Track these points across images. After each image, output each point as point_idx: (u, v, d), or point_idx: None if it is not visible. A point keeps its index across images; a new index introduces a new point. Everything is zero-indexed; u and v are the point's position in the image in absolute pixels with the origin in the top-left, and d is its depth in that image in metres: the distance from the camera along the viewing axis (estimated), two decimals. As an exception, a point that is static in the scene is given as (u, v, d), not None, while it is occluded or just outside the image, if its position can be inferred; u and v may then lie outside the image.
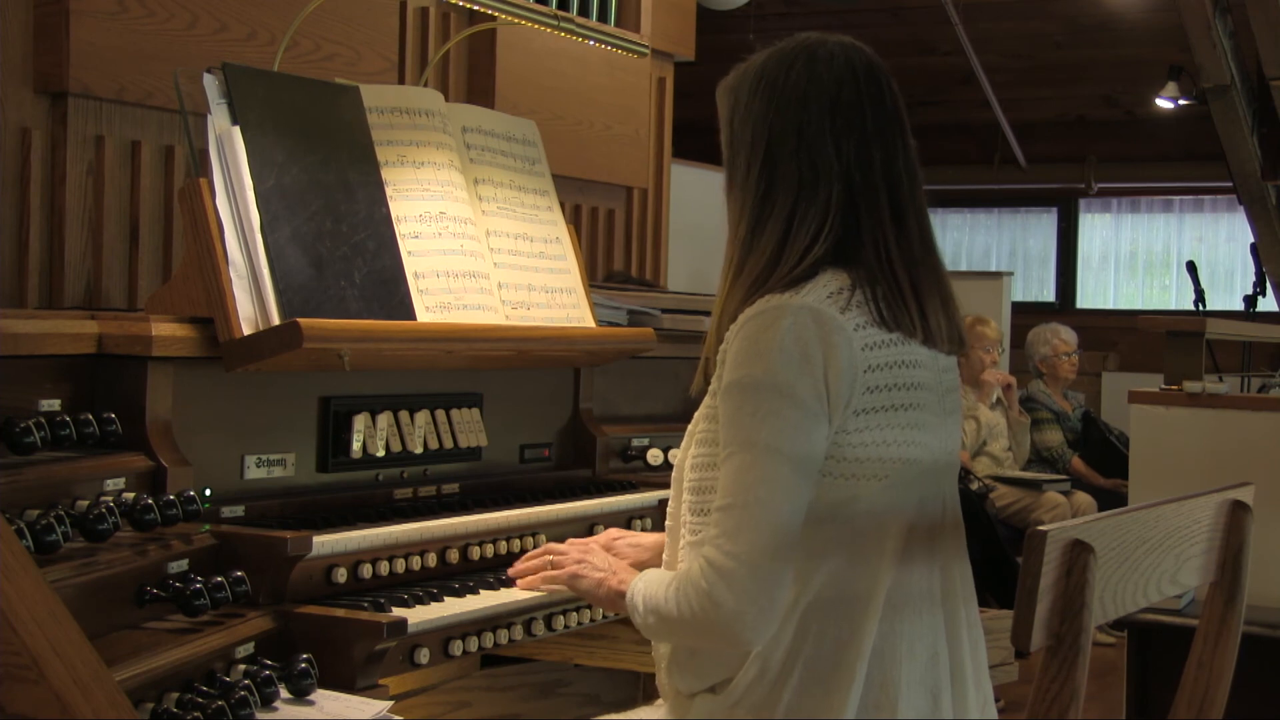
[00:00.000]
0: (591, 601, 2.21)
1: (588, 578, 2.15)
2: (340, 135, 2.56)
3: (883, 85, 1.96)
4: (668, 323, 3.15)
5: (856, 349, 1.83)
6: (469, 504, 2.60)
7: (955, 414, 2.01)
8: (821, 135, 1.92)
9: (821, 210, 1.90)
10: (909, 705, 1.86)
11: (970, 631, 1.98)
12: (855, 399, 1.83)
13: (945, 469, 1.98)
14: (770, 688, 1.85)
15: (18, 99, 2.66)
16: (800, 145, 1.92)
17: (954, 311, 1.98)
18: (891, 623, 1.86)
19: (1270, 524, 2.74)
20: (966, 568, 2.01)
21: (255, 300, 2.30)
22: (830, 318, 1.83)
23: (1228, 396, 4.09)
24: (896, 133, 1.96)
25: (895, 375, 1.87)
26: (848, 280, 1.88)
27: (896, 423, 1.87)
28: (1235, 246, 10.01)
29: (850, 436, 1.84)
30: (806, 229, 1.90)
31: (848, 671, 1.83)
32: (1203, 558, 1.97)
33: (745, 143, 1.96)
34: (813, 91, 1.93)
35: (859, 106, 1.93)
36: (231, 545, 2.14)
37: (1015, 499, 6.45)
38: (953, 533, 1.99)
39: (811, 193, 1.91)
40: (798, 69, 1.95)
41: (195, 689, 1.84)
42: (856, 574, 1.86)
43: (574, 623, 2.45)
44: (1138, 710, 3.77)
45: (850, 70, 1.95)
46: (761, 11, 8.05)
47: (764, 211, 1.93)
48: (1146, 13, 8.46)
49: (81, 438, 2.02)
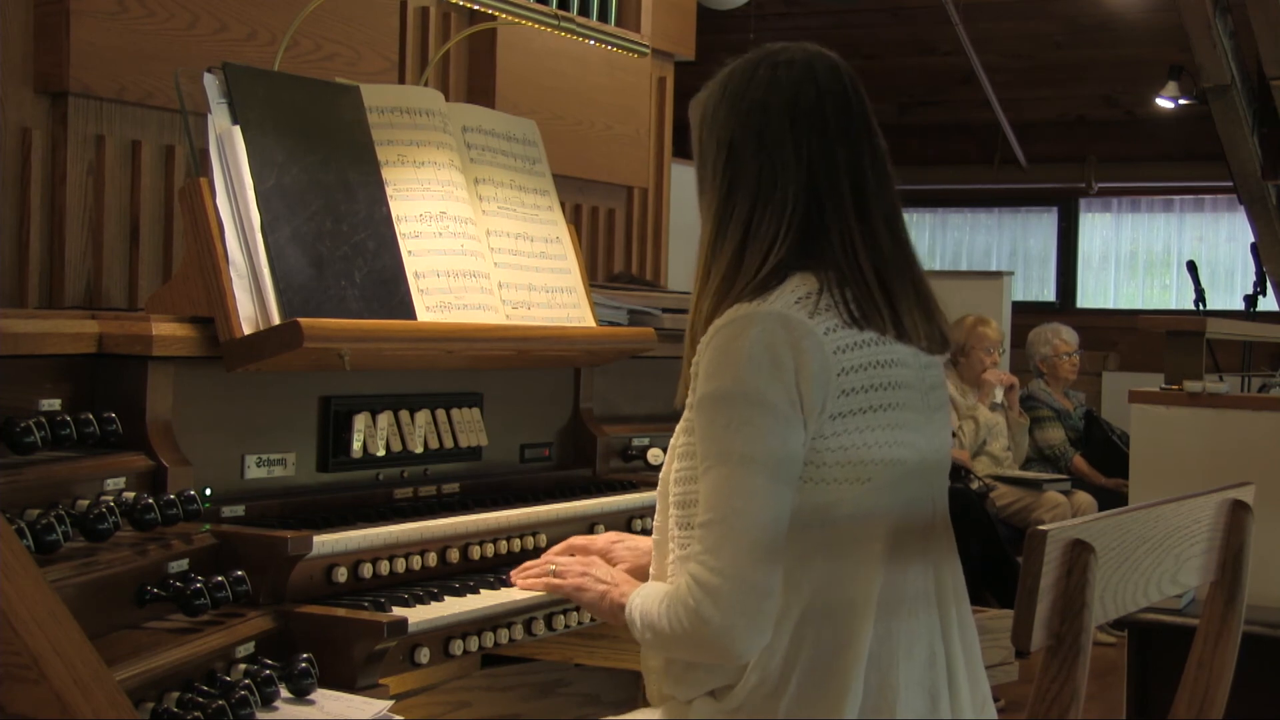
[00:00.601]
0: (594, 614, 2.21)
1: (591, 590, 2.16)
2: (340, 135, 2.56)
3: (846, 87, 1.97)
4: (668, 322, 3.15)
5: (829, 352, 1.83)
6: (469, 504, 2.60)
7: (942, 410, 2.00)
8: (782, 138, 1.93)
9: (779, 210, 1.91)
10: (907, 707, 1.86)
11: (963, 632, 1.97)
12: (830, 403, 1.83)
13: (933, 468, 1.97)
14: (770, 694, 1.85)
15: (18, 99, 2.66)
16: (760, 148, 1.93)
17: (933, 309, 1.97)
18: (887, 625, 1.86)
19: (1270, 524, 2.74)
20: (957, 567, 2.01)
21: (255, 300, 2.30)
22: (799, 323, 1.83)
23: (1228, 396, 4.09)
24: (862, 133, 1.96)
25: (872, 376, 1.87)
26: (815, 284, 1.88)
27: (877, 424, 1.86)
28: (1235, 246, 10.01)
29: (828, 441, 1.84)
30: (766, 229, 1.91)
31: (845, 675, 1.83)
32: (1203, 557, 1.97)
33: (710, 152, 1.98)
34: (773, 96, 1.94)
35: (819, 108, 1.94)
36: (232, 545, 2.14)
37: (1015, 498, 6.44)
38: (943, 532, 1.99)
39: (769, 193, 1.92)
40: (759, 76, 1.96)
41: (195, 689, 1.84)
42: (847, 578, 1.86)
43: (574, 622, 2.45)
44: (1138, 710, 3.77)
45: (809, 73, 1.95)
46: (761, 11, 8.05)
47: (725, 215, 1.94)
48: (1147, 13, 8.46)
49: (82, 437, 2.02)
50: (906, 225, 2.00)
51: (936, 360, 2.01)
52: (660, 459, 3.06)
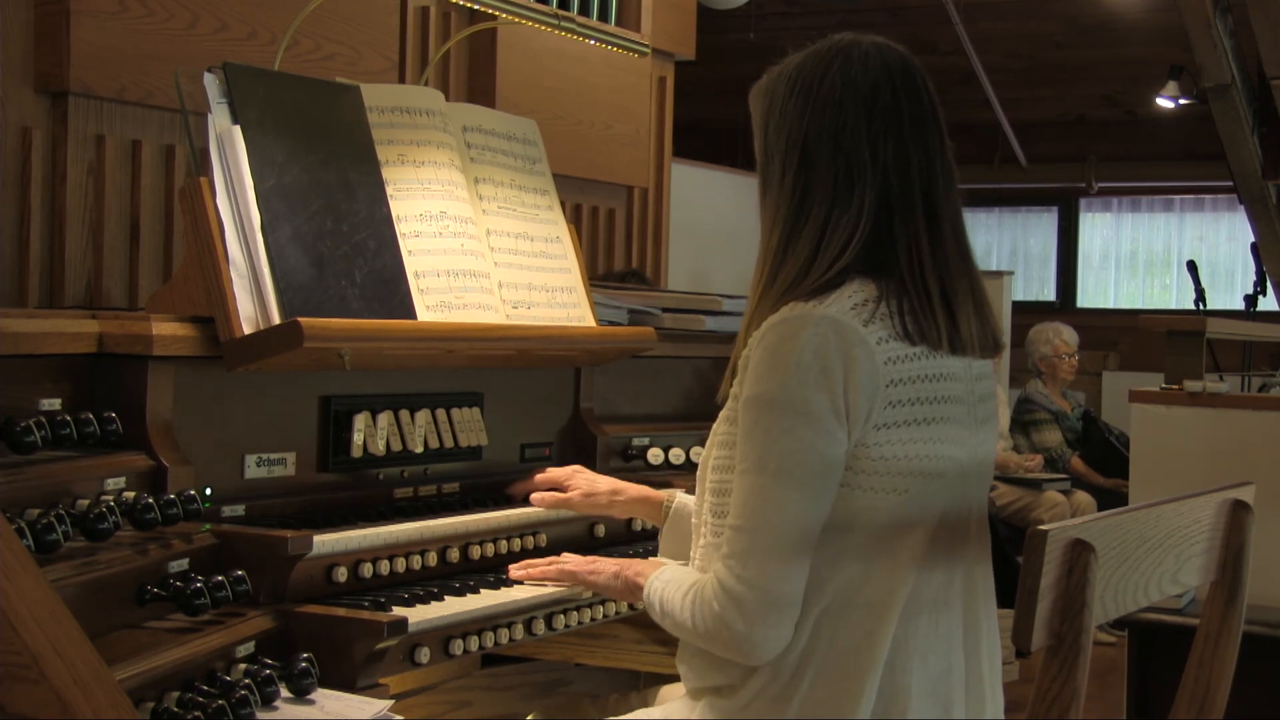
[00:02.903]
0: (607, 594, 2.25)
1: (603, 573, 2.20)
2: (341, 135, 2.56)
3: (919, 84, 1.93)
4: (668, 322, 3.15)
5: (879, 363, 1.81)
6: (469, 503, 2.60)
7: (990, 422, 1.99)
8: (858, 139, 1.89)
9: (854, 217, 1.87)
10: (918, 711, 1.86)
11: (989, 635, 1.98)
12: (877, 413, 1.81)
13: (975, 478, 1.96)
14: (782, 690, 1.85)
15: (18, 98, 2.66)
16: (837, 150, 1.89)
17: (987, 314, 1.95)
18: (906, 629, 1.85)
19: (1271, 523, 2.74)
20: (989, 569, 2.01)
21: (256, 300, 2.30)
22: (853, 330, 1.80)
23: (1228, 396, 4.09)
24: (934, 133, 1.93)
25: (920, 389, 1.85)
26: (874, 291, 1.85)
27: (921, 436, 1.85)
28: (1236, 246, 10.01)
29: (870, 450, 1.82)
30: (839, 236, 1.87)
31: (860, 677, 1.83)
32: (1203, 557, 1.97)
33: (780, 149, 1.93)
34: (849, 94, 1.90)
35: (896, 108, 1.90)
36: (232, 544, 2.14)
37: (1015, 498, 6.45)
38: (977, 538, 1.98)
39: (846, 200, 1.88)
40: (834, 71, 1.91)
41: (196, 688, 1.84)
42: (873, 581, 1.85)
43: (574, 622, 2.45)
44: (1138, 710, 3.77)
45: (886, 71, 1.91)
46: (761, 11, 8.05)
47: (799, 219, 1.91)
48: (1147, 12, 8.46)
49: (82, 437, 2.02)
50: (966, 226, 1.98)
51: (989, 370, 2.00)
52: (660, 459, 3.06)
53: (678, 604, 1.91)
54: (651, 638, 2.70)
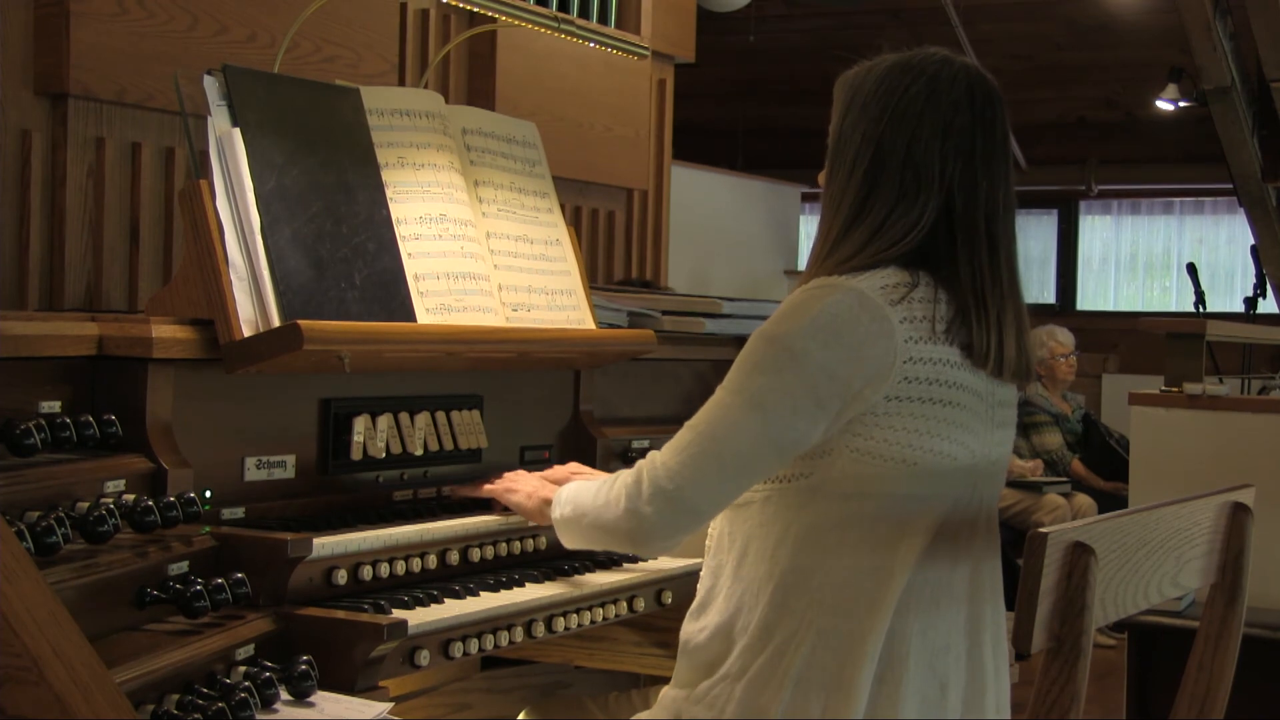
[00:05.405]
0: (522, 514, 2.40)
1: (519, 491, 2.40)
2: (341, 137, 2.56)
3: (997, 116, 2.00)
4: (668, 324, 3.15)
5: (899, 340, 1.85)
6: (469, 506, 2.60)
7: (1006, 428, 2.02)
8: (930, 154, 1.94)
9: (913, 222, 1.93)
10: (914, 690, 1.86)
11: (994, 631, 1.99)
12: (890, 385, 1.85)
13: (985, 474, 1.99)
14: (764, 681, 1.86)
15: (18, 100, 2.66)
16: (908, 159, 1.95)
17: (1025, 343, 2.00)
18: (904, 619, 1.87)
19: (1271, 526, 2.74)
20: (997, 567, 2.03)
21: (255, 302, 2.30)
22: (876, 305, 1.85)
23: (1228, 398, 4.09)
24: (1002, 164, 1.99)
25: (938, 372, 1.88)
26: (908, 278, 1.90)
27: (933, 415, 1.88)
28: (1235, 248, 10.02)
29: (880, 420, 1.86)
30: (894, 234, 1.93)
31: (854, 668, 1.84)
32: (1203, 560, 1.97)
33: (854, 144, 1.99)
34: (929, 110, 1.96)
35: (971, 134, 1.96)
36: (232, 547, 2.14)
37: (1015, 501, 6.45)
38: (986, 534, 2.00)
39: (910, 204, 1.94)
40: (919, 84, 1.97)
41: (195, 691, 1.84)
42: (873, 567, 1.87)
43: (574, 624, 2.45)
44: (1138, 712, 3.77)
45: (969, 96, 1.98)
46: (762, 13, 8.05)
47: (860, 212, 1.96)
48: (1147, 14, 8.46)
49: (82, 439, 2.02)
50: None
51: (1011, 398, 2.04)
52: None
53: (591, 491, 2.03)
54: (652, 640, 2.70)
